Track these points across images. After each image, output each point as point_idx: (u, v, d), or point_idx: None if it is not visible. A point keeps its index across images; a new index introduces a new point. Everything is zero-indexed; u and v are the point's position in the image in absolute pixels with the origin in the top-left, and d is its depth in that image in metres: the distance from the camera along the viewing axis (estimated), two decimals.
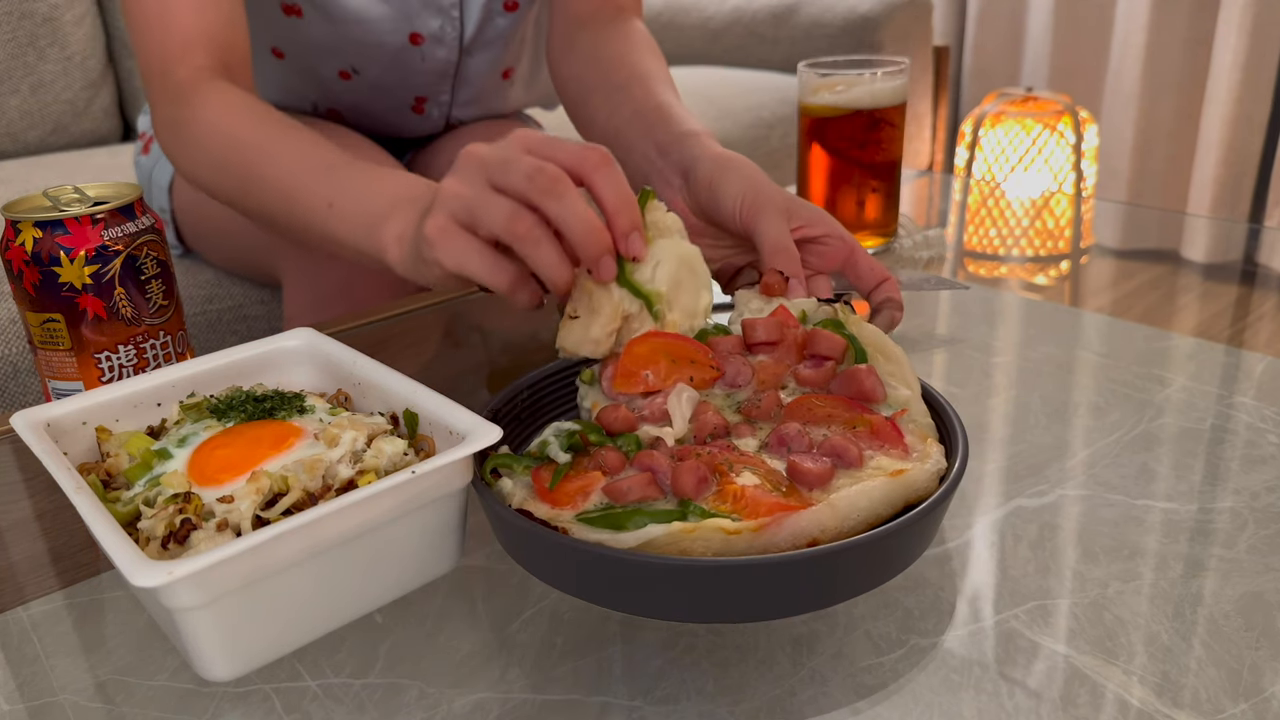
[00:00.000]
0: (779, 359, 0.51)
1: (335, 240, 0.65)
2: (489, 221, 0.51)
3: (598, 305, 0.52)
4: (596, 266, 0.51)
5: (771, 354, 0.51)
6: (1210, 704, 0.38)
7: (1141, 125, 2.05)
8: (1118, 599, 0.44)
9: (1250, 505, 0.50)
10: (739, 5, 2.14)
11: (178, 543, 0.40)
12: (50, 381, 0.60)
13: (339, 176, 0.66)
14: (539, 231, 0.50)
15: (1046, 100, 1.87)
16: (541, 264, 0.50)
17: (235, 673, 0.41)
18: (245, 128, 0.71)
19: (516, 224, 0.50)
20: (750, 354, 0.52)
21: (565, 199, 0.49)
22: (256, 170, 0.70)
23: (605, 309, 0.52)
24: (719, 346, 0.52)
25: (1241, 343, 0.70)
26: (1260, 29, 1.84)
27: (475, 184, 0.52)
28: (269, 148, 0.70)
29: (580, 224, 0.50)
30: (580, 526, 0.41)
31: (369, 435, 0.47)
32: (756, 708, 0.39)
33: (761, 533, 0.40)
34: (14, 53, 1.59)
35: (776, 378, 0.50)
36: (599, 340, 0.53)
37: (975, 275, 0.88)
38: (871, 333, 0.52)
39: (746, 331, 0.52)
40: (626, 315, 0.53)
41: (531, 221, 0.50)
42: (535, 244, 0.50)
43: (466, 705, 0.40)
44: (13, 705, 0.41)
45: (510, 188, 0.50)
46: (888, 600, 0.45)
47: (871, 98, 0.87)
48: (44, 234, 0.56)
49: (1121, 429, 0.58)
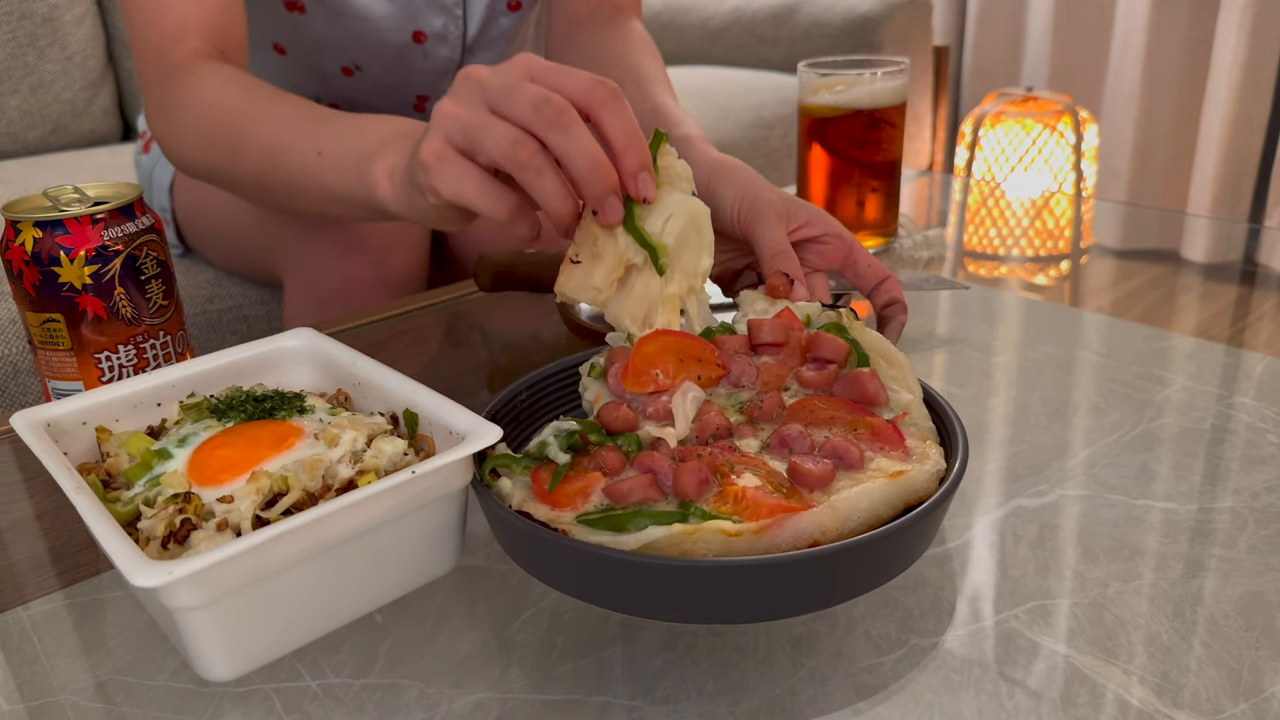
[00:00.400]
0: (783, 361, 0.51)
1: (326, 189, 0.64)
2: (489, 147, 0.48)
3: (602, 251, 0.51)
4: (602, 207, 0.48)
5: (776, 355, 0.51)
6: (1210, 704, 0.38)
7: (1141, 125, 2.05)
8: (1118, 599, 0.44)
9: (1250, 505, 0.50)
10: (739, 5, 2.14)
11: (178, 543, 0.40)
12: (50, 381, 0.60)
13: (328, 126, 0.64)
14: (542, 160, 0.47)
15: (1046, 100, 1.87)
16: (544, 194, 0.48)
17: (235, 673, 0.41)
18: (234, 98, 0.70)
19: (519, 150, 0.47)
20: (755, 354, 0.52)
21: (571, 131, 0.47)
22: (245, 132, 0.69)
23: (609, 255, 0.51)
24: (725, 346, 0.52)
25: (1241, 343, 0.70)
26: (1260, 29, 1.84)
27: (475, 107, 0.49)
28: (256, 112, 0.69)
29: (586, 158, 0.47)
30: (581, 528, 0.41)
31: (369, 435, 0.47)
32: (756, 708, 0.39)
33: (763, 534, 0.40)
34: (14, 52, 1.59)
35: (780, 379, 0.50)
36: (600, 288, 0.51)
37: (975, 275, 0.88)
38: (874, 337, 0.52)
39: (752, 332, 0.52)
40: (630, 265, 0.51)
41: (535, 149, 0.47)
42: (538, 173, 0.47)
43: (466, 705, 0.40)
44: (13, 705, 0.41)
45: (513, 115, 0.48)
46: (888, 600, 0.45)
47: (871, 98, 0.87)
48: (44, 234, 0.56)
49: (1122, 429, 0.58)
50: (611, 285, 0.51)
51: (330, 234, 0.89)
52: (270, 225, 0.94)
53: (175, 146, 0.75)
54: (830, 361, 0.50)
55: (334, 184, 0.63)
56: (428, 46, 0.94)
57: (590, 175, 0.47)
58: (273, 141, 0.67)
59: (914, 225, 0.97)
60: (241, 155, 0.70)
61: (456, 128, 0.49)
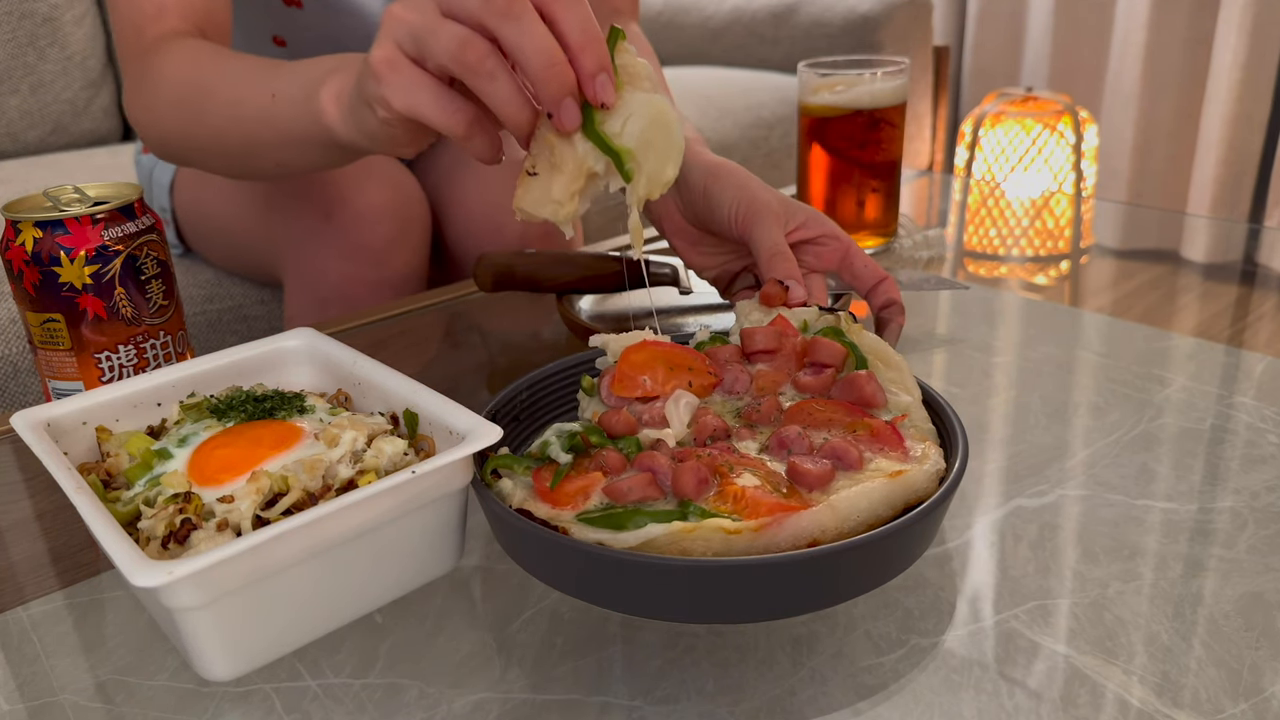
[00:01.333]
0: (778, 367, 0.51)
1: (279, 132, 0.62)
2: (437, 50, 0.45)
3: (560, 160, 0.47)
4: (558, 110, 0.45)
5: (770, 362, 0.52)
6: (1210, 704, 0.38)
7: (1141, 125, 2.05)
8: (1118, 599, 0.44)
9: (1250, 505, 0.50)
10: (739, 5, 2.14)
11: (178, 543, 0.40)
12: (50, 381, 0.60)
13: (283, 69, 0.63)
14: (494, 63, 0.44)
15: (1046, 100, 1.87)
16: (497, 99, 0.45)
17: (235, 673, 0.41)
18: (201, 64, 0.70)
19: (468, 51, 0.44)
20: (749, 363, 0.52)
21: (523, 21, 0.44)
22: (207, 91, 0.68)
23: (568, 164, 0.47)
24: (717, 355, 0.52)
25: (1241, 343, 0.70)
26: (1260, 28, 1.84)
27: (425, 9, 0.46)
28: (218, 71, 0.68)
29: (540, 54, 0.44)
30: (580, 526, 0.41)
31: (369, 435, 0.47)
32: (756, 708, 0.39)
33: (762, 533, 0.40)
34: (14, 52, 1.59)
35: (775, 385, 0.50)
36: (560, 201, 0.48)
37: (975, 275, 0.88)
38: (872, 340, 0.52)
39: (745, 340, 0.52)
40: (592, 173, 0.48)
41: (485, 50, 0.44)
42: (489, 76, 0.44)
43: (466, 705, 0.40)
44: (13, 705, 0.41)
45: (462, 13, 0.45)
46: (888, 600, 0.45)
47: (871, 98, 0.87)
48: (44, 234, 0.56)
49: (1121, 429, 0.58)
50: (573, 198, 0.48)
51: (330, 234, 0.89)
52: (270, 225, 0.94)
53: (145, 119, 0.75)
54: (827, 365, 0.50)
55: (287, 124, 0.61)
56: None
57: (545, 74, 0.44)
58: (231, 94, 0.66)
59: (914, 225, 0.97)
60: (203, 115, 0.69)
61: (405, 32, 0.46)
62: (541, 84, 0.45)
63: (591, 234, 1.50)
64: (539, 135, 0.47)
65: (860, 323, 0.53)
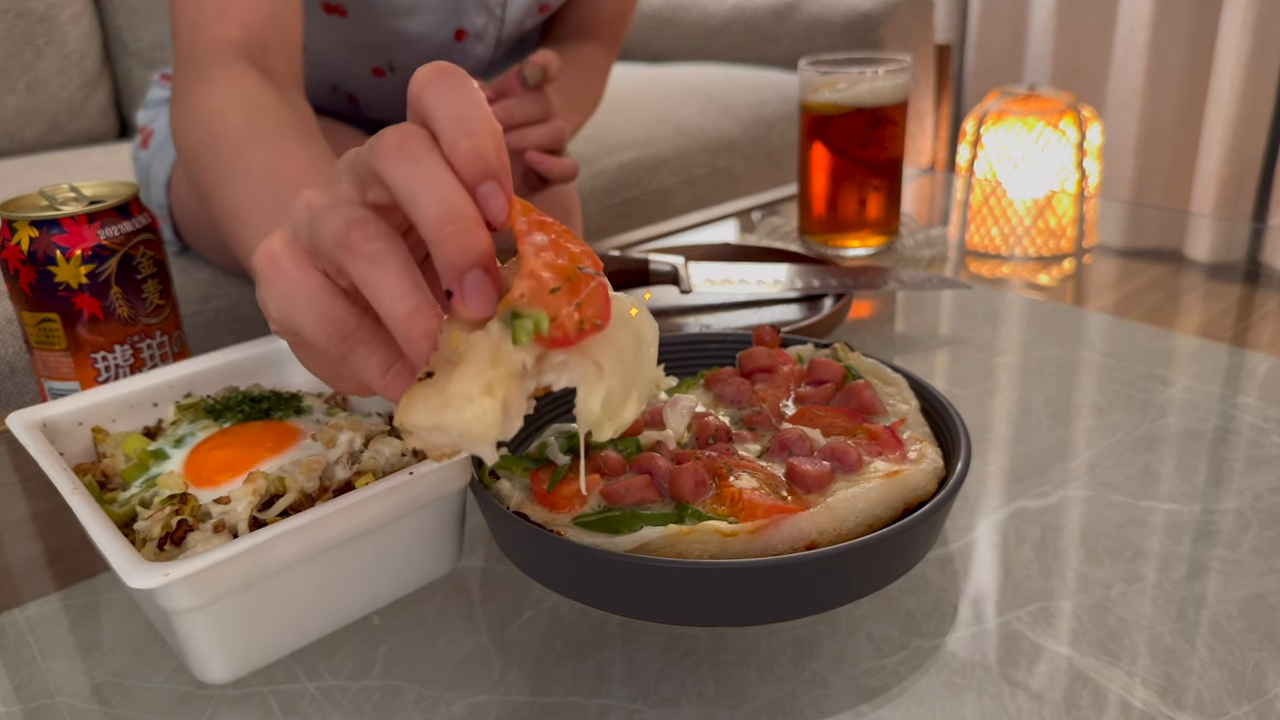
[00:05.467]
0: (777, 384, 0.52)
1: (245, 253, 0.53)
2: (324, 235, 0.34)
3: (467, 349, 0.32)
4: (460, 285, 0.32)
5: (769, 380, 0.52)
6: (1213, 706, 0.38)
7: (1145, 123, 2.05)
8: (1121, 600, 0.44)
9: (1254, 506, 0.50)
10: (739, 2, 2.14)
11: (174, 544, 0.40)
12: (46, 381, 0.59)
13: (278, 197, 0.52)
14: (381, 245, 0.33)
15: (1049, 98, 1.87)
16: (377, 290, 0.33)
17: (232, 675, 0.40)
18: (231, 120, 0.60)
19: (353, 231, 0.33)
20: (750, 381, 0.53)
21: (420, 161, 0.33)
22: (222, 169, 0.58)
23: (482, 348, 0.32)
24: (717, 376, 0.52)
25: (1245, 343, 0.69)
26: (1263, 27, 1.83)
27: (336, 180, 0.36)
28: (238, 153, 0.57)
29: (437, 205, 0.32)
30: (576, 531, 0.41)
31: (366, 436, 0.46)
32: (757, 710, 0.39)
33: (758, 535, 0.40)
34: (10, 51, 1.58)
35: (777, 398, 0.51)
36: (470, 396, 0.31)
37: (977, 274, 0.88)
38: (869, 364, 0.53)
39: (742, 363, 0.53)
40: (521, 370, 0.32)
41: (375, 231, 0.33)
42: (370, 260, 0.33)
43: (465, 708, 0.39)
44: (9, 707, 0.41)
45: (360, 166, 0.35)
46: (890, 602, 0.44)
47: (873, 95, 0.86)
48: (40, 233, 0.56)
49: (1124, 429, 0.58)
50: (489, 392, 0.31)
51: None
52: None
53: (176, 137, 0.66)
54: (826, 381, 0.51)
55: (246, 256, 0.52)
56: (466, 45, 0.94)
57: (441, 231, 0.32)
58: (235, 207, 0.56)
59: (916, 224, 0.97)
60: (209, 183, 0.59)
61: (303, 215, 0.35)
62: (438, 244, 0.32)
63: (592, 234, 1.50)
64: (444, 339, 0.33)
65: (857, 353, 0.54)
